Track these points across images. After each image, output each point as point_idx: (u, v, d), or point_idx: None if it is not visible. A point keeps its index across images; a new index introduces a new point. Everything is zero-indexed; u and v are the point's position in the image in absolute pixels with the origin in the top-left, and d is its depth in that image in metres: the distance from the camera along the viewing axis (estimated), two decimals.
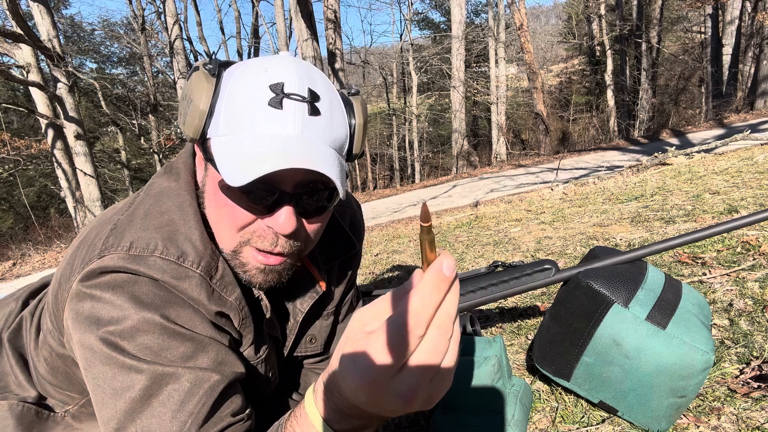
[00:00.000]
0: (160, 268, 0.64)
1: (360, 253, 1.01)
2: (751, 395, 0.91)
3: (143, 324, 0.62)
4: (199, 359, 0.64)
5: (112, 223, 0.69)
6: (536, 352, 1.03)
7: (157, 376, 0.61)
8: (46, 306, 0.79)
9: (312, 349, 0.95)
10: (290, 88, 0.64)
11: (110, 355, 0.61)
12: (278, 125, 0.63)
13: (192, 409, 0.61)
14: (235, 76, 0.66)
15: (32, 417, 0.81)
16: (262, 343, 0.79)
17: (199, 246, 0.67)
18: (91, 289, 0.64)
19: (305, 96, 0.65)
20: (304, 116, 0.65)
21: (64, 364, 0.78)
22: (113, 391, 0.61)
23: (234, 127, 0.64)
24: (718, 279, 1.43)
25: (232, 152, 0.63)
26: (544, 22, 37.80)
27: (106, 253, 0.65)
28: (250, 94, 0.64)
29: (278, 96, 0.64)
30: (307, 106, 0.65)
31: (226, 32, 35.44)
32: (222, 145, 0.64)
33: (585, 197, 3.46)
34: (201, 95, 0.65)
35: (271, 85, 0.64)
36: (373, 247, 3.23)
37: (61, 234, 12.40)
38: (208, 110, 0.65)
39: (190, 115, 0.66)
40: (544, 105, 15.86)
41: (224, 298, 0.69)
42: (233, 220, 0.67)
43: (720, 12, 14.33)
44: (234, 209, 0.66)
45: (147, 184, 0.76)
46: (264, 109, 0.63)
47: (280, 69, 0.66)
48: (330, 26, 8.98)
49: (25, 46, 8.78)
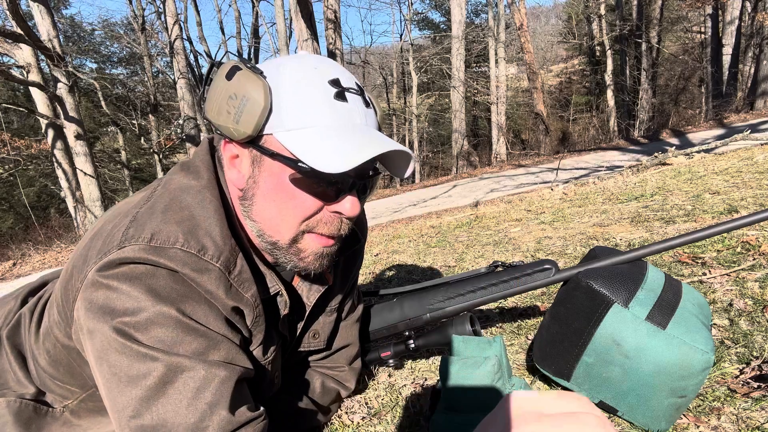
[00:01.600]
0: (181, 260, 0.65)
1: (363, 248, 1.03)
2: (751, 395, 0.91)
3: (158, 317, 0.63)
4: (210, 355, 0.65)
5: (131, 215, 0.69)
6: (536, 352, 1.03)
7: (173, 365, 0.62)
8: (52, 298, 0.79)
9: (315, 345, 0.95)
10: (345, 83, 0.69)
11: (125, 344, 0.62)
12: (349, 116, 0.68)
13: (211, 399, 0.62)
14: (287, 74, 0.68)
15: (30, 413, 0.81)
16: (271, 344, 0.80)
17: (219, 241, 0.68)
18: (108, 279, 0.64)
19: (357, 89, 0.71)
20: (363, 107, 0.71)
21: (68, 356, 0.78)
22: (129, 378, 0.61)
23: (306, 120, 0.67)
24: (718, 279, 1.43)
25: (315, 143, 0.66)
26: (544, 22, 37.81)
27: (127, 244, 0.64)
28: (315, 90, 0.67)
29: (341, 90, 0.68)
30: (361, 98, 0.71)
31: (226, 32, 35.43)
32: (297, 139, 0.66)
33: (585, 197, 3.46)
34: (259, 93, 0.66)
35: (329, 81, 0.68)
36: (373, 247, 3.23)
37: (61, 234, 12.38)
38: (270, 107, 0.67)
39: (248, 112, 0.66)
40: (544, 105, 15.87)
41: (241, 293, 0.70)
42: (302, 210, 0.70)
43: (720, 12, 14.33)
44: (303, 200, 0.69)
45: (164, 180, 0.76)
46: (332, 103, 0.67)
47: (327, 66, 0.70)
48: (330, 26, 8.98)
49: (25, 46, 8.78)
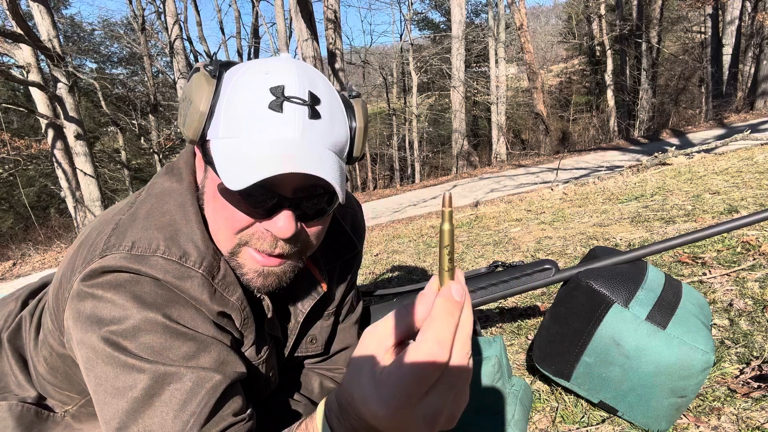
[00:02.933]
0: (162, 268, 0.64)
1: (361, 253, 1.01)
2: (751, 395, 0.91)
3: (145, 323, 0.62)
4: (201, 359, 0.64)
5: (113, 222, 0.69)
6: (536, 352, 1.03)
7: (160, 375, 0.61)
8: (46, 306, 0.79)
9: (313, 350, 0.95)
10: (291, 91, 0.64)
11: (112, 354, 0.61)
12: (278, 129, 0.62)
13: (194, 408, 0.61)
14: (236, 78, 0.66)
15: (32, 417, 0.81)
16: (263, 344, 0.79)
17: (201, 246, 0.67)
18: (92, 288, 0.64)
19: (306, 99, 0.64)
20: (304, 119, 0.64)
21: (64, 364, 0.78)
22: (115, 390, 0.61)
23: (234, 129, 0.64)
24: (718, 279, 1.43)
25: (232, 155, 0.63)
26: (544, 22, 37.77)
27: (108, 253, 0.64)
28: (251, 97, 0.63)
29: (279, 99, 0.63)
30: (307, 109, 0.64)
31: (226, 32, 35.44)
32: (221, 148, 0.64)
33: (585, 197, 3.46)
34: (201, 97, 0.64)
35: (271, 87, 0.63)
36: (373, 247, 3.23)
37: (61, 234, 12.39)
38: (208, 112, 0.64)
39: (190, 116, 0.65)
40: (544, 105, 15.87)
41: (226, 298, 0.69)
42: (232, 222, 0.67)
43: (720, 12, 14.32)
44: (233, 212, 0.66)
45: (148, 184, 0.75)
46: (264, 113, 0.62)
47: (281, 71, 0.65)
48: (330, 26, 8.98)
49: (25, 46, 8.77)
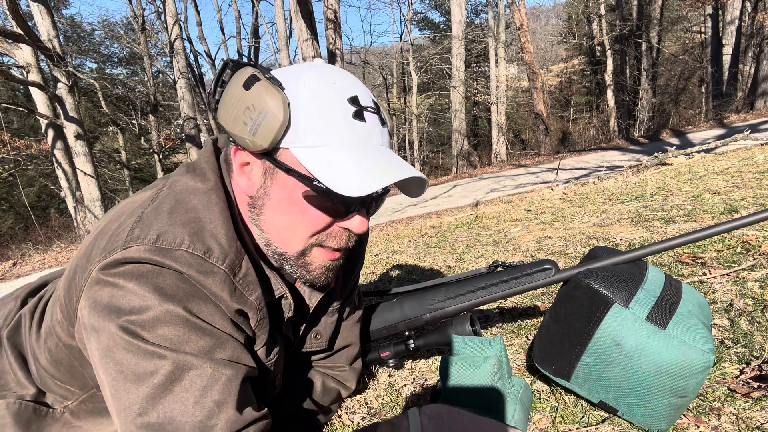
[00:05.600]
0: (186, 262, 0.65)
1: (364, 250, 1.04)
2: (751, 395, 0.91)
3: (166, 315, 0.63)
4: (217, 354, 0.65)
5: (135, 215, 0.69)
6: (536, 352, 1.03)
7: (180, 363, 0.62)
8: (55, 297, 0.79)
9: (317, 345, 0.96)
10: (363, 101, 0.70)
11: (131, 342, 0.62)
12: (367, 137, 0.69)
13: (218, 397, 0.62)
14: (303, 88, 0.69)
15: (30, 414, 0.81)
16: (274, 346, 0.80)
17: (225, 243, 0.68)
18: (113, 277, 0.64)
19: (375, 108, 0.72)
20: (380, 127, 0.72)
21: (69, 355, 0.78)
22: (136, 376, 0.61)
23: (324, 139, 0.67)
24: (718, 279, 1.43)
25: (334, 164, 0.67)
26: (544, 22, 37.79)
27: (132, 245, 0.65)
28: (333, 107, 0.68)
29: (359, 109, 0.69)
30: (378, 117, 0.72)
31: (226, 32, 35.40)
32: (315, 157, 0.67)
33: (585, 197, 3.46)
34: (279, 108, 0.66)
35: (348, 98, 0.69)
36: (373, 247, 3.23)
37: (61, 234, 12.39)
38: (288, 122, 0.67)
39: (266, 126, 0.66)
40: (544, 105, 15.86)
41: (245, 296, 0.70)
42: (312, 225, 0.72)
43: (720, 12, 14.32)
44: (315, 215, 0.71)
45: (169, 182, 0.76)
46: (351, 122, 0.68)
47: (346, 81, 0.71)
48: (330, 26, 8.97)
49: (25, 46, 8.78)
